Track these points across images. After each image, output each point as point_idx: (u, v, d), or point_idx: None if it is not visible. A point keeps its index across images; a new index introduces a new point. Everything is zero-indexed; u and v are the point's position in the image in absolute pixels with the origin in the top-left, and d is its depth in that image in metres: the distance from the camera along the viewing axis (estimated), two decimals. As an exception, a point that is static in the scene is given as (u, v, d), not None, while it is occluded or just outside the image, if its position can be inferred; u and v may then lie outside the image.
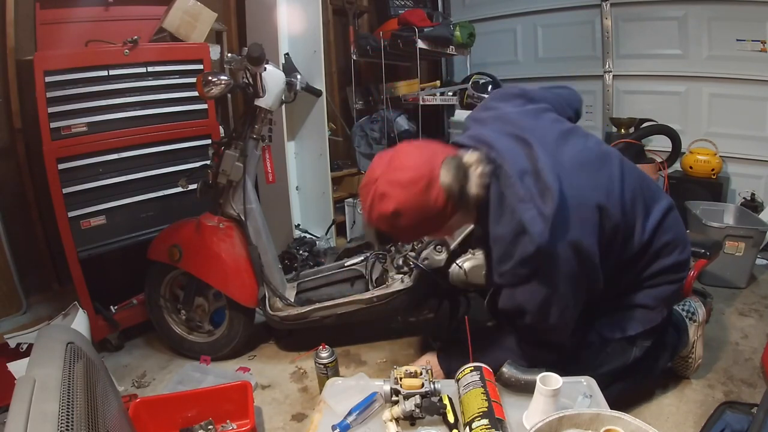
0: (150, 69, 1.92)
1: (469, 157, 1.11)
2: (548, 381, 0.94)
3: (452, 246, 1.67)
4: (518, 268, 1.10)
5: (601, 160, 1.21)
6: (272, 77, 1.71)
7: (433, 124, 3.77)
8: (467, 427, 0.92)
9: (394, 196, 1.05)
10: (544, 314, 1.13)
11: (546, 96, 1.36)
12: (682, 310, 1.55)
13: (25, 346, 1.56)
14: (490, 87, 3.22)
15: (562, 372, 0.98)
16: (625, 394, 1.37)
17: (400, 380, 1.04)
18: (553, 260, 1.07)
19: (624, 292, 1.30)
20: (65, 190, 1.75)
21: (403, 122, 3.34)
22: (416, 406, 1.00)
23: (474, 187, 1.09)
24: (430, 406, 1.01)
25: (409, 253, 1.77)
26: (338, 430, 0.99)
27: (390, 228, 1.11)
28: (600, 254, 1.13)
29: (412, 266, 1.74)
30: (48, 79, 1.68)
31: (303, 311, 1.78)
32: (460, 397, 1.02)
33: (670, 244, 1.27)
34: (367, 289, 1.82)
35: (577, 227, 1.08)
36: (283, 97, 1.86)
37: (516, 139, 1.15)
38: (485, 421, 0.90)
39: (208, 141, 2.05)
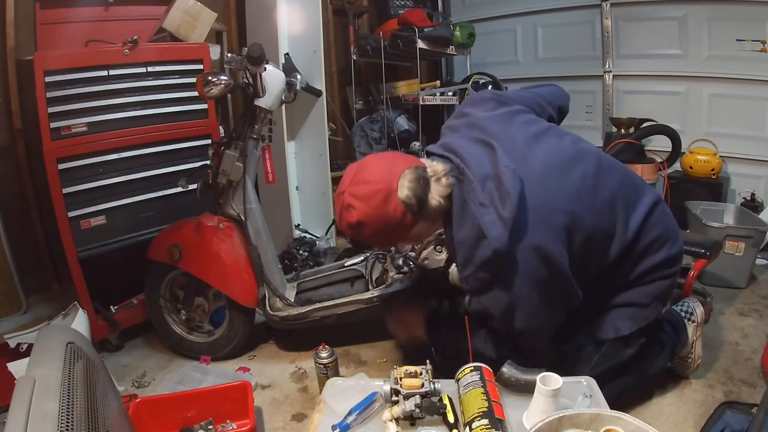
0: (150, 69, 1.92)
1: (435, 167, 1.15)
2: (548, 381, 0.94)
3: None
4: (479, 273, 1.11)
5: (574, 161, 1.18)
6: (272, 77, 1.71)
7: (433, 124, 3.76)
8: (467, 427, 0.92)
9: (357, 207, 1.11)
10: (508, 319, 1.14)
11: (521, 97, 1.36)
12: (681, 310, 1.55)
13: (25, 346, 1.56)
14: (490, 87, 3.22)
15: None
16: (624, 394, 1.37)
17: (400, 380, 1.04)
18: (513, 264, 1.07)
19: (614, 292, 1.30)
20: (65, 190, 1.75)
21: (403, 122, 3.34)
22: (416, 406, 1.00)
23: (435, 197, 1.13)
24: (430, 406, 1.01)
25: (409, 253, 1.77)
26: (338, 430, 0.99)
27: (357, 236, 1.17)
28: (574, 259, 1.12)
29: (412, 267, 1.74)
30: (48, 79, 1.68)
31: (303, 311, 1.78)
32: (460, 397, 1.02)
33: (658, 240, 1.26)
34: (367, 289, 1.82)
35: (540, 232, 1.08)
36: (283, 97, 1.86)
37: (482, 145, 1.16)
38: (485, 421, 0.90)
39: (208, 141, 2.05)
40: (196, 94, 1.66)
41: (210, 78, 1.60)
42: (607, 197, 1.18)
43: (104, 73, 1.82)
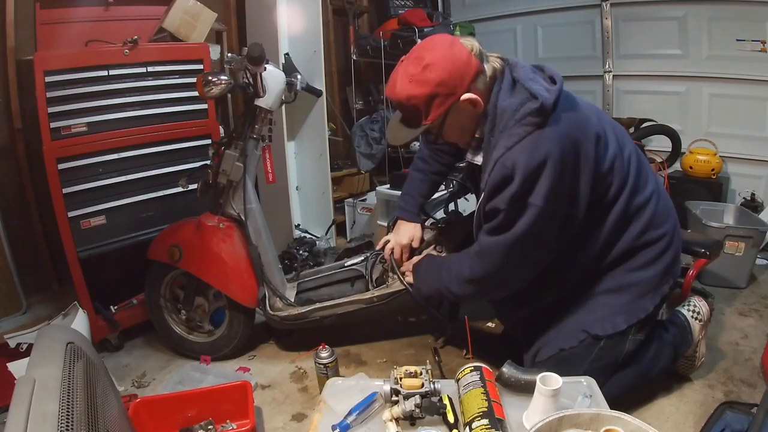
0: (150, 69, 1.92)
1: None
2: (548, 381, 0.94)
3: (453, 246, 1.67)
4: (519, 126, 1.14)
5: (604, 115, 1.31)
6: (272, 77, 1.71)
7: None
8: (467, 427, 0.92)
9: (425, 56, 1.18)
10: (530, 182, 1.13)
11: None
12: (688, 309, 1.54)
13: (25, 346, 1.56)
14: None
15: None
16: (626, 393, 1.37)
17: (400, 380, 1.04)
18: (552, 131, 1.13)
19: (610, 270, 1.31)
20: (65, 190, 1.75)
21: (403, 122, 3.33)
22: (416, 406, 1.00)
23: (492, 60, 1.24)
24: (430, 406, 1.01)
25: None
26: (338, 430, 0.99)
27: (418, 85, 1.17)
28: (597, 178, 1.20)
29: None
30: (48, 79, 1.68)
31: (303, 311, 1.78)
32: (460, 397, 1.02)
33: (657, 216, 1.30)
34: (367, 289, 1.81)
35: (575, 128, 1.17)
36: (283, 97, 1.86)
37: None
38: (485, 421, 0.90)
39: (208, 141, 2.05)
40: (196, 94, 1.66)
41: (210, 78, 1.60)
42: (628, 152, 1.28)
43: (104, 73, 1.81)
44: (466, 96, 1.19)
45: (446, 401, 1.03)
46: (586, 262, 1.30)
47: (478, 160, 1.30)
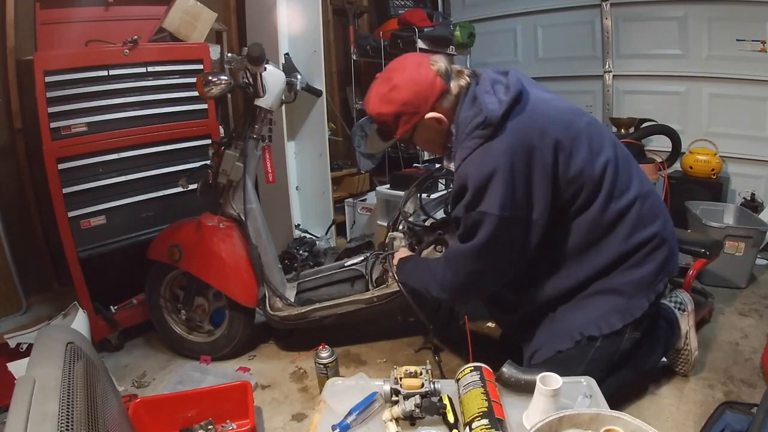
0: (150, 69, 1.92)
1: (455, 67, 1.33)
2: (548, 381, 0.94)
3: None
4: (470, 140, 1.22)
5: (579, 112, 1.33)
6: (272, 77, 1.71)
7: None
8: (467, 427, 0.92)
9: (391, 77, 1.28)
10: (481, 193, 1.19)
11: None
12: (671, 301, 1.57)
13: (25, 346, 1.56)
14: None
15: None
16: (622, 389, 1.37)
17: (400, 380, 1.04)
18: (500, 141, 1.19)
19: (604, 275, 1.30)
20: (65, 190, 1.75)
21: (403, 122, 3.33)
22: (416, 406, 1.00)
23: (456, 84, 1.29)
24: (430, 406, 1.01)
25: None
26: (338, 430, 0.99)
27: (387, 104, 1.27)
28: (558, 185, 1.23)
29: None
30: (48, 79, 1.68)
31: (303, 311, 1.78)
32: (460, 397, 1.02)
33: (648, 215, 1.31)
34: (367, 289, 1.82)
35: (530, 133, 1.21)
36: (284, 97, 1.86)
37: (500, 72, 1.33)
38: (485, 421, 0.90)
39: (208, 141, 2.05)
40: (196, 94, 1.66)
41: (210, 78, 1.60)
42: (604, 158, 1.27)
43: (104, 73, 1.82)
44: (430, 115, 1.28)
45: (446, 401, 1.02)
46: (572, 266, 1.31)
47: (452, 167, 1.37)
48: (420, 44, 2.98)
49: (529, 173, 1.20)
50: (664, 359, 1.59)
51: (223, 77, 1.61)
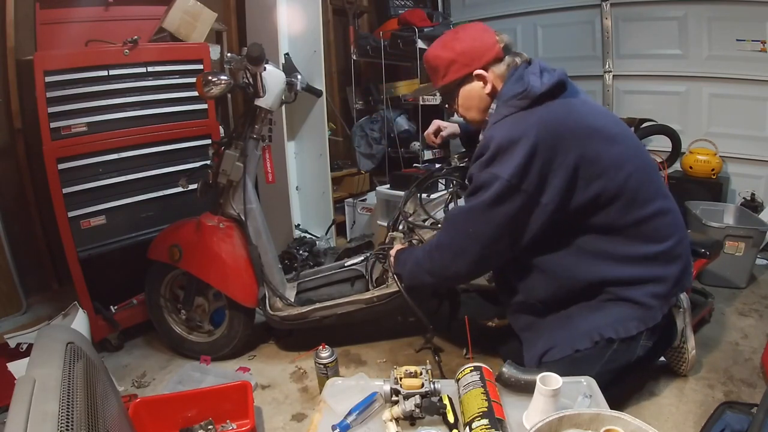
0: (150, 69, 1.92)
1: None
2: (548, 381, 0.94)
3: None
4: (505, 107, 1.29)
5: (617, 121, 1.37)
6: (272, 77, 1.71)
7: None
8: (467, 427, 0.92)
9: (460, 31, 1.40)
10: (500, 155, 1.22)
11: None
12: None
13: (25, 346, 1.56)
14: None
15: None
16: (622, 392, 1.37)
17: (400, 380, 1.04)
18: (533, 115, 1.23)
19: (619, 283, 1.30)
20: (65, 190, 1.75)
21: (403, 122, 3.34)
22: (416, 406, 1.00)
23: (514, 57, 1.37)
24: (430, 406, 1.01)
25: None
26: (338, 430, 0.99)
27: (444, 49, 1.37)
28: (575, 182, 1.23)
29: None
30: (48, 79, 1.68)
31: (303, 311, 1.78)
32: (460, 397, 1.02)
33: (664, 228, 1.31)
34: (367, 289, 1.82)
35: (559, 125, 1.23)
36: (284, 97, 1.86)
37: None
38: (485, 421, 0.90)
39: (208, 141, 2.05)
40: (196, 94, 1.66)
41: (210, 78, 1.60)
42: (631, 168, 1.27)
43: (104, 73, 1.82)
44: (478, 71, 1.35)
45: (446, 401, 1.02)
46: (585, 266, 1.30)
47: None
48: (420, 44, 2.98)
49: (551, 157, 1.21)
50: (662, 359, 1.59)
51: (223, 77, 1.61)
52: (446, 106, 1.72)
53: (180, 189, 1.86)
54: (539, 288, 1.37)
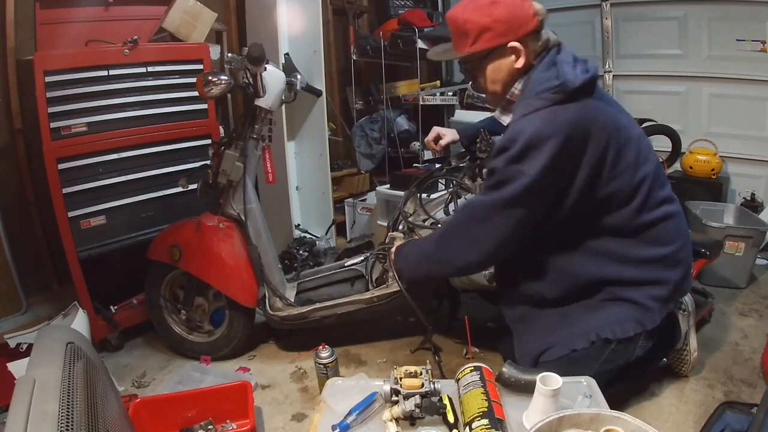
0: (150, 69, 1.92)
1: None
2: (548, 381, 0.94)
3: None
4: (537, 99, 1.19)
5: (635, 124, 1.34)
6: (272, 77, 1.71)
7: (433, 124, 3.75)
8: (467, 427, 0.92)
9: None
10: (529, 151, 1.17)
11: None
12: None
13: (25, 346, 1.56)
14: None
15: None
16: (622, 392, 1.37)
17: (400, 380, 1.04)
18: (566, 111, 1.16)
19: (620, 284, 1.30)
20: (65, 190, 1.75)
21: (403, 122, 3.34)
22: (416, 406, 1.00)
23: (548, 33, 1.28)
24: (430, 406, 1.01)
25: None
26: (338, 430, 0.99)
27: (479, 13, 1.23)
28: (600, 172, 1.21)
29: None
30: (48, 79, 1.68)
31: (303, 311, 1.78)
32: (460, 397, 1.02)
33: (670, 232, 1.30)
34: (367, 289, 1.82)
35: (590, 123, 1.18)
36: (284, 97, 1.86)
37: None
38: (485, 421, 0.90)
39: (208, 141, 2.05)
40: (196, 94, 1.66)
41: (210, 78, 1.60)
42: (645, 171, 1.26)
43: (104, 73, 1.81)
44: (513, 43, 1.24)
45: (446, 401, 1.02)
46: (588, 264, 1.30)
47: (505, 120, 1.36)
48: (420, 44, 2.98)
49: (579, 157, 1.19)
50: (664, 359, 1.59)
51: (223, 77, 1.61)
52: (464, 73, 1.62)
53: (180, 189, 1.86)
54: (540, 281, 1.36)
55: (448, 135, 1.85)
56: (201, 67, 2.03)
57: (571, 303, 1.35)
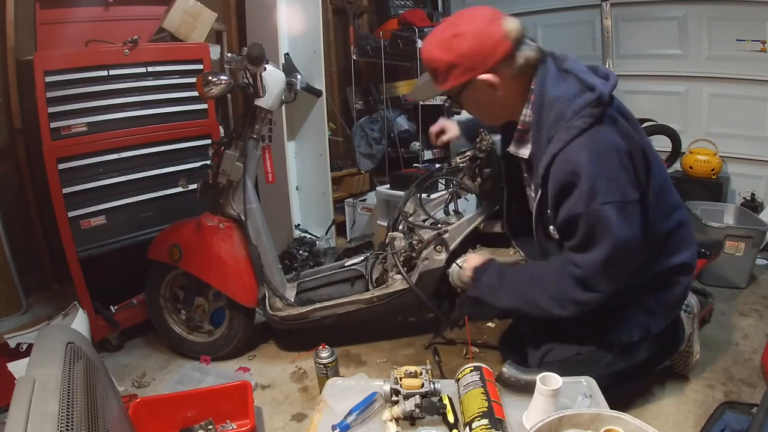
0: (150, 69, 1.92)
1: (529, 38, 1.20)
2: (548, 381, 0.94)
3: (452, 246, 1.67)
4: (578, 119, 1.08)
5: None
6: (272, 77, 1.71)
7: (433, 124, 3.76)
8: (467, 427, 0.92)
9: (460, 24, 1.15)
10: (598, 177, 1.05)
11: None
12: None
13: (25, 346, 1.56)
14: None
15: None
16: (619, 386, 1.37)
17: (400, 380, 1.04)
18: (608, 125, 1.08)
19: (632, 292, 1.28)
20: (65, 190, 1.75)
21: (403, 122, 3.34)
22: (416, 406, 1.00)
23: (526, 52, 1.16)
24: (430, 406, 1.01)
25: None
26: (338, 430, 0.99)
27: (443, 50, 1.16)
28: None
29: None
30: (48, 79, 1.68)
31: (303, 311, 1.78)
32: (460, 397, 1.02)
33: (684, 242, 1.28)
34: (367, 289, 1.82)
35: (623, 132, 1.11)
36: (283, 97, 1.86)
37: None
38: (485, 421, 0.90)
39: (208, 141, 2.05)
40: (196, 94, 1.66)
41: (210, 78, 1.60)
42: (660, 178, 1.22)
43: (104, 73, 1.82)
44: (484, 76, 1.16)
45: (446, 401, 1.02)
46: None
47: (524, 152, 1.25)
48: (420, 44, 2.98)
49: (637, 160, 1.12)
50: (666, 362, 1.59)
51: (223, 77, 1.61)
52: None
53: (180, 189, 1.86)
54: None
55: (452, 131, 1.77)
56: (201, 67, 2.03)
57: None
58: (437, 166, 2.11)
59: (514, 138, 1.27)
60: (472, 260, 1.46)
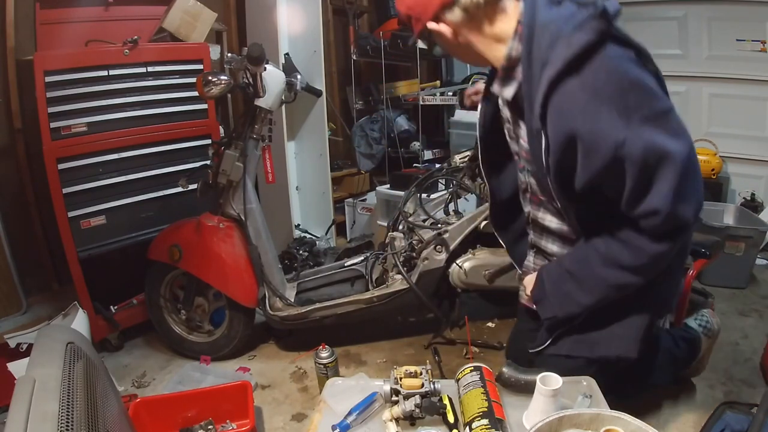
0: (150, 69, 1.92)
1: None
2: (548, 381, 0.94)
3: (452, 246, 1.68)
4: (579, 31, 0.86)
5: None
6: (272, 77, 1.71)
7: (433, 124, 3.77)
8: (467, 427, 0.92)
9: None
10: (620, 95, 0.86)
11: None
12: (699, 324, 1.48)
13: (25, 346, 1.56)
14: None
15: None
16: (624, 401, 1.36)
17: (400, 380, 1.04)
18: (618, 43, 0.87)
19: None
20: (65, 190, 1.75)
21: (403, 122, 3.34)
22: (416, 406, 1.00)
23: None
24: (430, 406, 1.01)
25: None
26: (338, 430, 0.99)
27: (400, 4, 1.06)
28: None
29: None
30: (48, 79, 1.68)
31: (303, 311, 1.78)
32: (460, 397, 1.02)
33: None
34: (367, 289, 1.82)
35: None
36: (283, 97, 1.86)
37: None
38: (485, 421, 0.90)
39: (208, 141, 2.05)
40: (196, 94, 1.66)
41: (210, 78, 1.60)
42: None
43: (104, 73, 1.82)
44: (431, 25, 1.03)
45: (446, 401, 1.02)
46: None
47: (507, 93, 1.05)
48: (420, 44, 2.97)
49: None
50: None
51: (223, 77, 1.61)
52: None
53: (180, 189, 1.86)
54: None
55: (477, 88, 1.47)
56: (201, 67, 2.03)
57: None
58: (437, 166, 2.11)
59: (498, 76, 1.06)
60: (527, 283, 1.24)
